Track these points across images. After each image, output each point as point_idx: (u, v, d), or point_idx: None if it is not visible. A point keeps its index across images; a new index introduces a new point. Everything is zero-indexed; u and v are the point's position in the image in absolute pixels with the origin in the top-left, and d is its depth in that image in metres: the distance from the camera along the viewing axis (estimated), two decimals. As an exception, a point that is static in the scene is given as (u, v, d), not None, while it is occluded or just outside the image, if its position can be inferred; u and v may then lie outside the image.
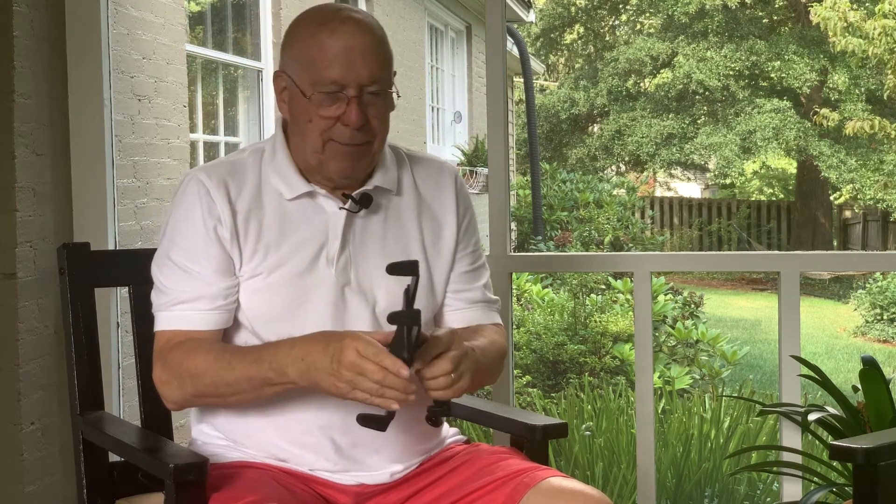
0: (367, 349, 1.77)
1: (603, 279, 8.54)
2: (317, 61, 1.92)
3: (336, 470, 1.99)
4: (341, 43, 1.92)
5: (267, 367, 1.87)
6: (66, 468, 2.82)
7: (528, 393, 6.49)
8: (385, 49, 1.97)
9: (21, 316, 2.73)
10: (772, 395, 5.96)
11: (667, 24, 16.95)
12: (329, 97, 1.92)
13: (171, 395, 1.98)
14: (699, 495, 4.68)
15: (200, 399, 1.97)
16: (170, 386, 1.97)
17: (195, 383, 1.93)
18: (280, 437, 1.98)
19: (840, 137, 15.12)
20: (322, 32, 1.93)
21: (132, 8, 4.39)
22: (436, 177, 2.13)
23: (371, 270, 2.00)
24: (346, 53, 1.91)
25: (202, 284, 1.96)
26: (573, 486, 1.93)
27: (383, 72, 1.96)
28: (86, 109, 2.96)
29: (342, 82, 1.92)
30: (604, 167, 17.79)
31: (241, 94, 6.58)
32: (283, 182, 2.00)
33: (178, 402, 1.99)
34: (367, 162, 2.01)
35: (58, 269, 2.30)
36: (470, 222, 2.15)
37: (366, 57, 1.93)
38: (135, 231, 4.39)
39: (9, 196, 2.71)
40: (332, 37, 1.92)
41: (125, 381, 3.05)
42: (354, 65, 1.91)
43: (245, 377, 1.88)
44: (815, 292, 13.92)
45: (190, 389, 1.95)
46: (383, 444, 1.99)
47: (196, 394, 1.95)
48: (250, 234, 1.97)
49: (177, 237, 1.99)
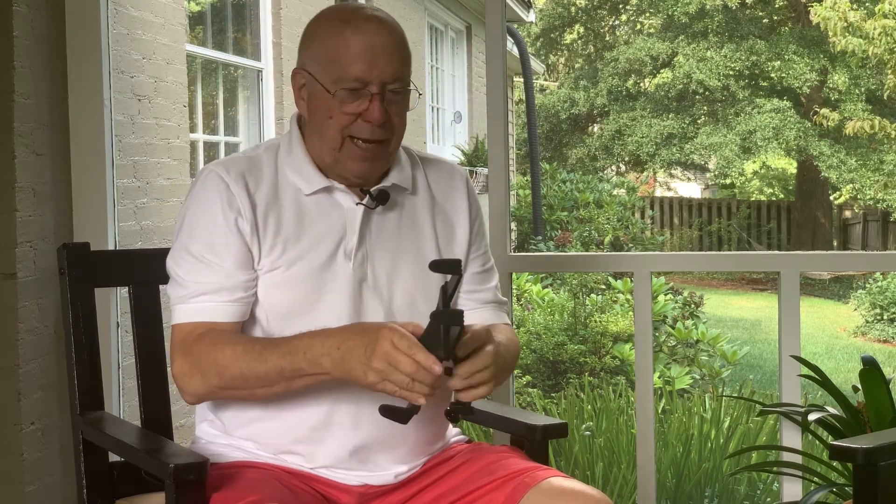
0: (402, 342, 1.77)
1: (603, 279, 8.54)
2: (340, 58, 1.94)
3: (343, 468, 1.98)
4: (365, 40, 1.94)
5: (301, 358, 1.84)
6: (66, 468, 2.82)
7: (528, 393, 6.49)
8: (406, 48, 2.00)
9: (21, 316, 2.73)
10: (772, 395, 5.96)
11: (667, 24, 16.95)
12: (352, 94, 1.93)
13: (192, 388, 1.93)
14: (699, 495, 4.68)
15: (225, 391, 1.93)
16: (192, 378, 1.92)
17: (221, 375, 1.89)
18: (289, 434, 1.98)
19: (840, 137, 15.11)
20: (346, 30, 1.95)
21: (132, 8, 4.39)
22: (447, 179, 2.14)
23: (387, 267, 2.00)
24: (370, 51, 1.93)
25: (223, 276, 1.95)
26: (574, 486, 1.94)
27: (405, 70, 1.98)
28: (86, 109, 2.96)
29: (366, 79, 1.93)
30: (604, 167, 17.78)
31: (241, 94, 6.58)
32: (300, 177, 2.01)
33: (201, 395, 1.95)
34: (383, 162, 2.02)
35: (58, 269, 2.30)
36: (480, 225, 2.17)
37: (389, 55, 1.94)
38: (135, 231, 4.39)
39: (9, 196, 2.71)
40: (356, 34, 1.94)
41: (125, 381, 3.05)
42: (378, 62, 1.93)
43: (276, 368, 1.86)
44: (815, 292, 13.92)
45: (215, 382, 1.90)
46: (394, 445, 1.99)
47: (222, 386, 1.91)
48: (269, 227, 1.97)
49: (195, 230, 1.98)
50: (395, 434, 1.94)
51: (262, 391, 1.90)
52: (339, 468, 1.99)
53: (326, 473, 1.99)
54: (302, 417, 1.96)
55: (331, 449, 1.97)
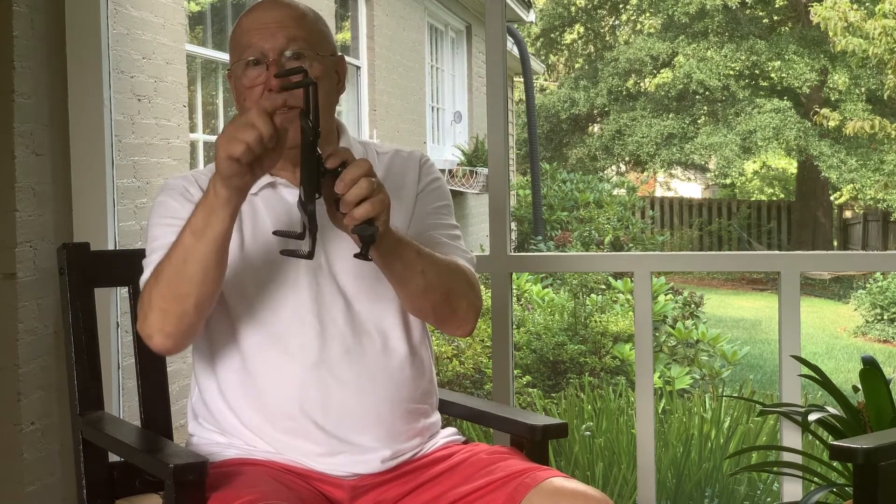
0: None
1: (603, 279, 8.54)
2: (238, 39, 2.05)
3: (325, 453, 2.00)
4: (255, 16, 2.03)
5: (199, 205, 1.85)
6: (66, 468, 2.82)
7: (528, 393, 6.49)
8: (306, 20, 2.04)
9: (21, 316, 2.73)
10: (772, 395, 5.96)
11: (667, 24, 16.94)
12: (252, 67, 2.00)
13: (148, 328, 1.93)
14: (699, 495, 4.69)
15: (168, 298, 1.89)
16: (144, 317, 1.93)
17: (157, 280, 1.89)
18: (268, 425, 2.00)
19: (840, 137, 15.11)
20: (242, 17, 2.07)
21: (132, 8, 4.39)
22: (402, 164, 2.16)
23: (341, 252, 2.02)
24: (261, 23, 2.02)
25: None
26: (574, 486, 1.94)
27: (303, 34, 2.01)
28: (86, 109, 2.96)
29: (259, 48, 2.00)
30: (604, 167, 17.78)
31: (241, 94, 6.57)
32: None
33: (157, 325, 1.92)
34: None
35: (58, 269, 2.30)
36: (434, 190, 2.16)
37: (282, 24, 2.01)
38: (135, 231, 4.39)
39: (9, 196, 2.71)
40: (249, 15, 2.05)
41: (125, 381, 3.05)
42: (269, 31, 2.01)
43: (188, 230, 1.85)
44: (816, 292, 13.92)
45: (156, 294, 1.89)
46: (368, 423, 2.01)
47: (162, 294, 1.88)
48: None
49: (155, 227, 2.04)
50: (366, 413, 1.99)
51: (191, 263, 1.85)
52: (323, 453, 1.99)
53: (315, 463, 2.00)
54: (274, 406, 1.99)
55: (307, 434, 1.98)
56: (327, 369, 1.99)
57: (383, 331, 2.04)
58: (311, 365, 1.99)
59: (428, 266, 1.95)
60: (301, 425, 1.99)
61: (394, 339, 2.05)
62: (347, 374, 2.00)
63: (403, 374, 2.05)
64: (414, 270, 1.93)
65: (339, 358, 2.00)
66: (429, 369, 2.14)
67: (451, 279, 2.01)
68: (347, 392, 1.99)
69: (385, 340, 2.04)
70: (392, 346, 2.05)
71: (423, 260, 1.95)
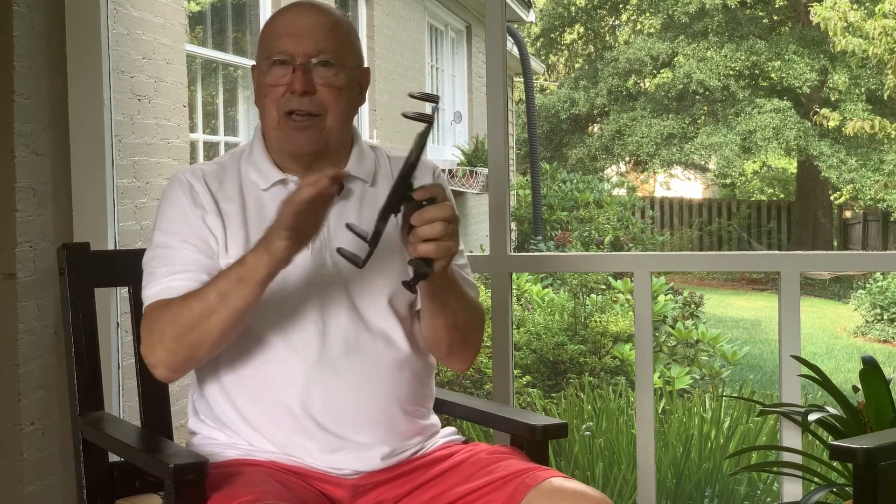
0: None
1: (603, 279, 8.54)
2: (269, 38, 2.06)
3: (325, 449, 2.00)
4: (291, 18, 2.06)
5: (234, 269, 1.90)
6: (66, 468, 2.82)
7: (528, 393, 6.49)
8: (338, 30, 2.07)
9: (21, 316, 2.73)
10: (772, 395, 5.96)
11: (667, 24, 16.95)
12: (279, 66, 2.03)
13: (154, 359, 1.97)
14: (699, 495, 4.69)
15: (181, 343, 1.93)
16: (152, 348, 1.96)
17: (174, 324, 1.92)
18: (269, 421, 2.01)
19: (840, 137, 15.11)
20: (276, 15, 2.10)
21: (132, 8, 4.39)
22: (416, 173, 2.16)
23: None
24: (294, 27, 2.05)
25: (187, 260, 2.01)
26: (574, 486, 1.94)
27: (333, 46, 2.04)
28: (86, 109, 2.96)
29: (289, 51, 2.03)
30: (604, 167, 17.78)
31: (240, 93, 6.58)
32: (258, 174, 2.10)
33: (164, 360, 1.96)
34: (315, 133, 2.05)
35: (58, 269, 2.30)
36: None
37: (314, 30, 2.04)
38: (135, 231, 4.39)
39: (9, 196, 2.71)
40: (284, 15, 2.08)
41: (125, 381, 3.05)
42: (301, 35, 2.03)
43: (214, 289, 1.90)
44: (815, 292, 13.91)
45: (169, 334, 1.93)
46: (368, 421, 2.01)
47: (175, 336, 1.92)
48: (233, 221, 2.05)
49: (164, 225, 2.06)
50: (365, 410, 2.00)
51: (214, 323, 1.90)
52: (322, 450, 2.00)
53: (315, 462, 2.00)
54: (273, 403, 2.00)
55: (306, 431, 1.99)
56: (329, 367, 2.00)
57: (385, 330, 2.05)
58: (312, 362, 2.00)
59: (461, 310, 2.04)
60: (301, 422, 1.99)
61: (395, 339, 2.06)
62: (349, 371, 2.01)
63: (404, 374, 2.06)
64: (449, 310, 2.01)
65: (340, 356, 2.00)
66: (429, 370, 2.15)
67: (473, 321, 2.09)
68: (348, 390, 2.00)
69: (387, 340, 2.05)
70: (393, 345, 2.05)
71: (461, 304, 2.03)
